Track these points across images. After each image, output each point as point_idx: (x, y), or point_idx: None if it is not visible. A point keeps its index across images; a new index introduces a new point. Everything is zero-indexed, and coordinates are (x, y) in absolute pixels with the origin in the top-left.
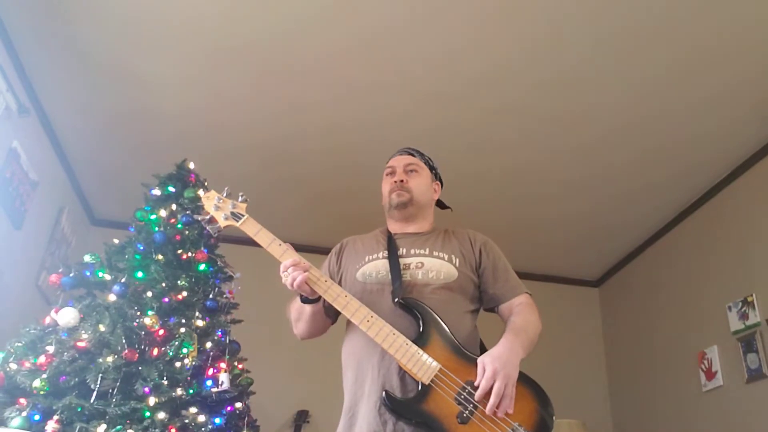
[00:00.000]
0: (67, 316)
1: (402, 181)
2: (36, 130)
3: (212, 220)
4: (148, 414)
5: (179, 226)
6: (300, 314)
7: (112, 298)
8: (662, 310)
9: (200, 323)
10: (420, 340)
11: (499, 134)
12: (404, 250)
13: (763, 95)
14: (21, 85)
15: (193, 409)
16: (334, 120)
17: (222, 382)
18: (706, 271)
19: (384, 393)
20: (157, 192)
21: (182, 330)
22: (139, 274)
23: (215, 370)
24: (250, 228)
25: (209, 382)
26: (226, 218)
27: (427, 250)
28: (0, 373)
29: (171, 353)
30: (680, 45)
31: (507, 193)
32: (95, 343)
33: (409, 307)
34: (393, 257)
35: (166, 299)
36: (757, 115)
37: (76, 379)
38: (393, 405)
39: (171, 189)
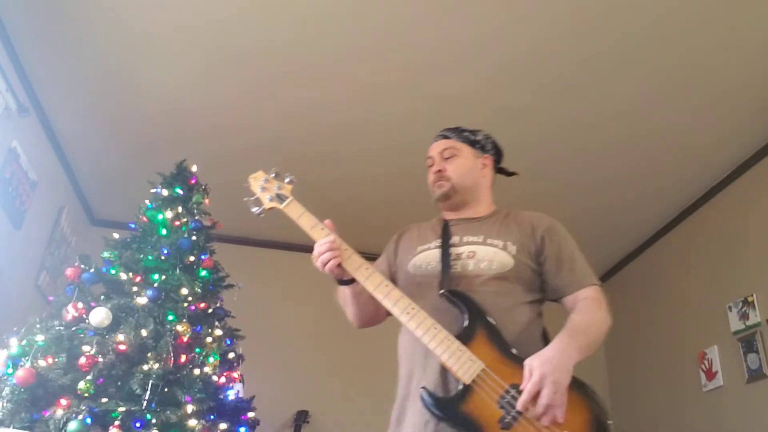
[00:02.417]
0: (99, 316)
1: (440, 170)
2: (35, 130)
3: (257, 201)
4: (184, 422)
5: (183, 229)
6: (344, 299)
7: (142, 301)
8: (662, 310)
9: (219, 332)
10: (464, 335)
11: (505, 136)
12: (458, 238)
13: (765, 98)
14: (20, 85)
15: (215, 418)
16: (340, 124)
17: (238, 391)
18: (706, 271)
19: (422, 390)
20: (164, 192)
21: (209, 339)
22: (156, 276)
23: (231, 380)
24: (294, 211)
25: (231, 392)
26: (271, 200)
27: (482, 237)
28: (31, 369)
29: (201, 360)
30: (685, 52)
31: (509, 194)
32: (135, 347)
33: (455, 300)
34: (445, 246)
35: (192, 307)
36: (757, 117)
37: (119, 383)
38: (432, 403)
39: (179, 191)
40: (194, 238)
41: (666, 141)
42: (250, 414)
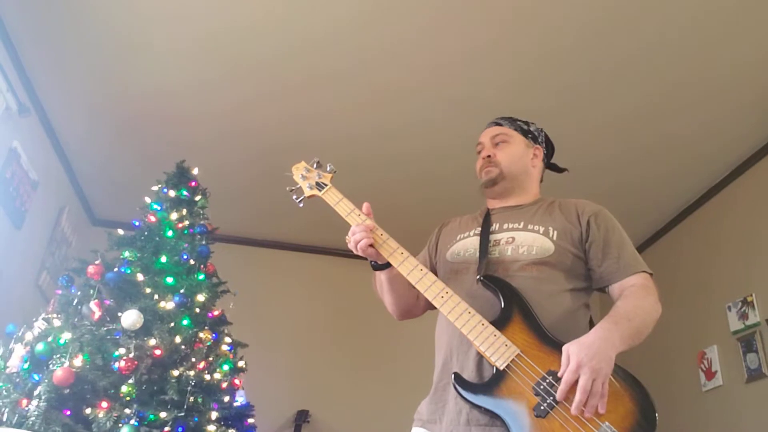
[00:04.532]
0: (130, 318)
1: (489, 156)
2: (36, 129)
3: (299, 191)
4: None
5: (186, 232)
6: (380, 286)
7: (169, 306)
8: (662, 310)
9: (228, 339)
10: (499, 321)
11: None
12: (497, 226)
13: (764, 102)
14: (21, 85)
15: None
16: (349, 131)
17: (241, 397)
18: (705, 271)
19: (453, 374)
20: (171, 193)
21: (224, 347)
22: (169, 280)
23: (233, 385)
24: (331, 198)
25: (240, 398)
26: (311, 188)
27: (522, 223)
28: (70, 369)
29: (214, 367)
30: (685, 69)
31: None
32: (168, 352)
33: (491, 286)
34: (485, 234)
35: (211, 314)
36: (757, 120)
37: (155, 388)
38: (462, 388)
39: (185, 193)
40: (196, 241)
41: (666, 141)
42: (250, 420)
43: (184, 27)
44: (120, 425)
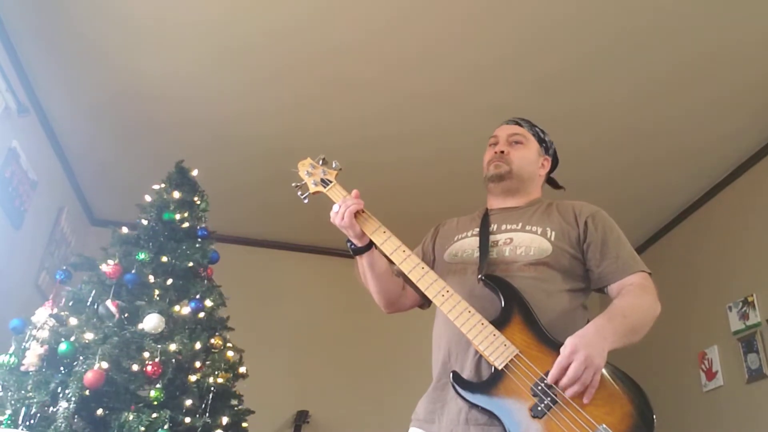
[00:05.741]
0: (152, 322)
1: (503, 152)
2: (35, 129)
3: (304, 187)
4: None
5: (187, 234)
6: (363, 273)
7: (185, 311)
8: (662, 310)
9: (230, 344)
10: (499, 320)
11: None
12: (496, 226)
13: (764, 98)
14: (21, 85)
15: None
16: (354, 139)
17: (240, 403)
18: (706, 271)
19: (452, 373)
20: (175, 195)
21: (229, 353)
22: (176, 283)
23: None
24: (335, 194)
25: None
26: (316, 184)
27: (520, 224)
28: (101, 371)
29: (225, 371)
30: (684, 51)
31: None
32: (187, 358)
33: (492, 285)
34: (484, 234)
35: (217, 318)
36: (757, 117)
37: (177, 393)
38: (460, 387)
39: (187, 195)
40: (198, 245)
41: (666, 140)
42: (244, 424)
43: (192, 24)
44: (144, 429)
